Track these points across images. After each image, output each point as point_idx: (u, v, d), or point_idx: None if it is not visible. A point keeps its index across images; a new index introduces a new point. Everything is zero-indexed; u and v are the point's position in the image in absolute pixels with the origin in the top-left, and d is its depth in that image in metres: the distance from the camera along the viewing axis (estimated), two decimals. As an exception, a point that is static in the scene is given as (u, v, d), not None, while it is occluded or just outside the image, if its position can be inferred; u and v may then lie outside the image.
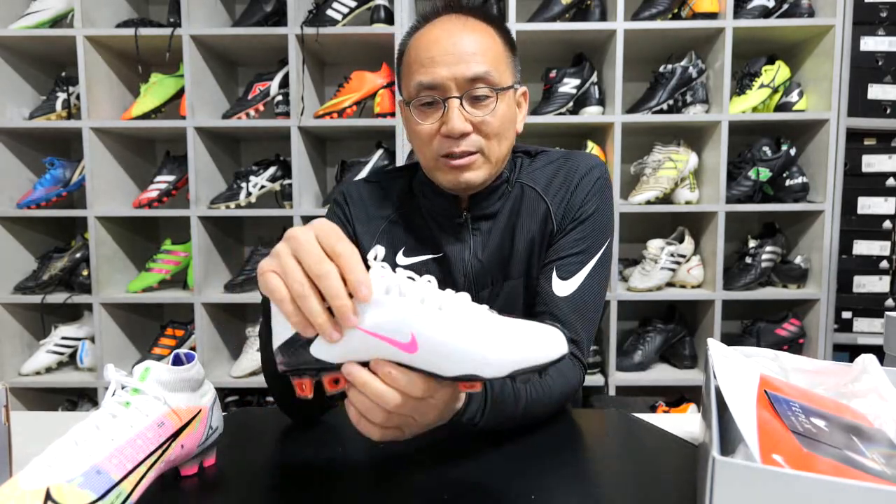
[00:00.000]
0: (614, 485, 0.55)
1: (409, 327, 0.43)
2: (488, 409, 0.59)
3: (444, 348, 0.43)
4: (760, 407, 0.46)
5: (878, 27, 1.78)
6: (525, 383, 0.45)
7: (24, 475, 0.42)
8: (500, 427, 0.62)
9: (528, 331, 0.45)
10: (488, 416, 0.59)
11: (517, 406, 0.63)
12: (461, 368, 0.43)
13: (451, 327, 0.43)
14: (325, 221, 0.46)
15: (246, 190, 1.79)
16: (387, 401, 0.45)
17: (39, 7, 1.75)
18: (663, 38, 1.74)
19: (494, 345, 0.43)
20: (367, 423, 0.48)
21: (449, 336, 0.43)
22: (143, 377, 0.51)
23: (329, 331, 0.43)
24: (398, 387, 0.45)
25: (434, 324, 0.43)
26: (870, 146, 1.81)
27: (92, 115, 1.72)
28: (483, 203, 0.83)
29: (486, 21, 0.79)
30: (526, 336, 0.45)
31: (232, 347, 1.94)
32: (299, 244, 0.44)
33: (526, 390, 0.64)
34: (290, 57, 1.69)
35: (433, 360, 0.44)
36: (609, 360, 1.74)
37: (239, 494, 0.55)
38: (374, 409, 0.47)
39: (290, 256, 0.44)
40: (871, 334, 1.83)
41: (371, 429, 0.49)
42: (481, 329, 0.44)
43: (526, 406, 0.64)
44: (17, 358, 1.83)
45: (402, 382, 0.45)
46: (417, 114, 0.77)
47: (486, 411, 0.59)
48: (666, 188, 1.75)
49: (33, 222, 1.89)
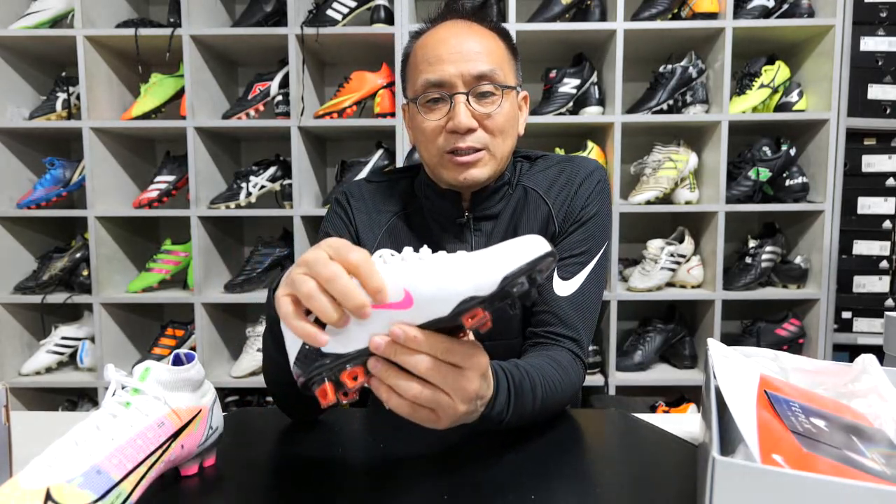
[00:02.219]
0: (614, 485, 0.55)
1: (401, 285, 0.45)
2: (513, 403, 0.59)
3: (435, 288, 0.45)
4: (760, 407, 0.46)
5: (878, 27, 1.78)
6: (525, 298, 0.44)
7: (24, 475, 0.42)
8: (519, 423, 0.63)
9: (507, 244, 0.46)
10: (513, 411, 0.59)
11: (535, 401, 0.63)
12: (455, 298, 0.44)
13: (435, 269, 0.45)
14: (336, 240, 0.47)
15: (246, 190, 1.79)
16: (416, 363, 0.46)
17: (39, 7, 1.75)
18: (663, 38, 1.74)
19: (478, 265, 0.45)
20: (399, 398, 0.48)
21: (436, 276, 0.45)
22: (143, 377, 0.52)
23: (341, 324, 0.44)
24: (423, 349, 0.46)
25: (420, 272, 0.45)
26: (870, 146, 1.81)
27: (92, 115, 1.72)
28: (485, 204, 0.84)
29: (489, 27, 0.81)
30: (505, 248, 0.46)
31: (232, 347, 1.94)
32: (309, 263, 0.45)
33: (541, 385, 0.65)
34: (290, 57, 1.69)
35: (429, 305, 0.45)
36: (609, 360, 1.74)
37: (239, 494, 0.55)
38: (407, 383, 0.47)
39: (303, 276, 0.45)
40: (871, 334, 1.83)
41: (402, 404, 0.48)
42: (461, 260, 0.46)
43: (542, 400, 0.65)
44: (17, 358, 1.83)
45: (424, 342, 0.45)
46: (424, 110, 0.78)
47: (512, 405, 0.59)
48: (666, 188, 1.75)
49: (33, 222, 1.89)
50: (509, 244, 0.46)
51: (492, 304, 0.44)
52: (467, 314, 0.44)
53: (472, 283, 0.44)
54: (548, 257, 0.45)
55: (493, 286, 0.44)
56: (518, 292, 0.44)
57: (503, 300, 0.44)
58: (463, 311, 0.44)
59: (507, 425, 0.60)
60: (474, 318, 0.45)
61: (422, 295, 0.45)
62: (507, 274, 0.44)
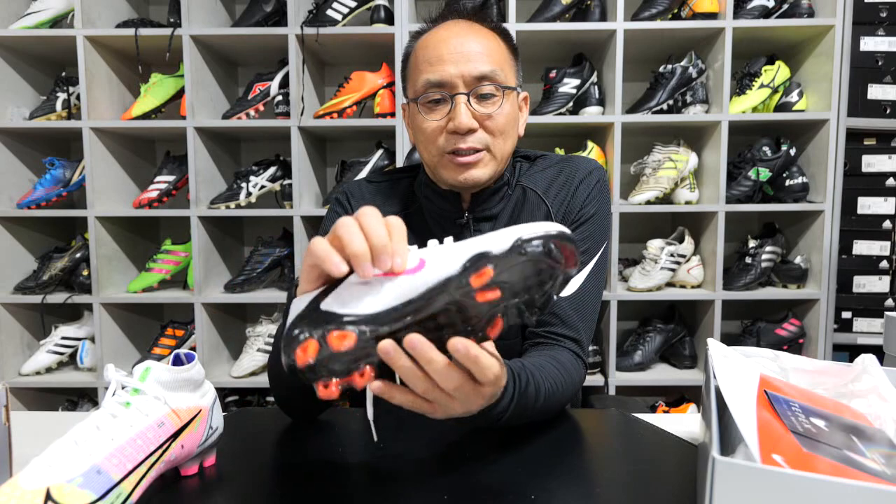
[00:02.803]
0: (614, 485, 0.55)
1: (418, 254, 0.46)
2: (515, 402, 0.59)
3: (448, 250, 0.45)
4: (760, 407, 0.46)
5: (878, 27, 1.78)
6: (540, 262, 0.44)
7: (24, 475, 0.42)
8: (518, 422, 0.63)
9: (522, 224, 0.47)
10: (514, 410, 0.59)
11: (537, 401, 0.63)
12: (467, 253, 0.44)
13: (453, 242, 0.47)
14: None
15: (246, 190, 1.79)
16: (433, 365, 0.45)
17: (39, 7, 1.75)
18: (663, 38, 1.74)
19: (493, 234, 0.46)
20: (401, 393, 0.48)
21: (451, 245, 0.46)
22: (143, 377, 0.51)
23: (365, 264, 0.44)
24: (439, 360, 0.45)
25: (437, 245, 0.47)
26: (870, 146, 1.81)
27: (92, 115, 1.72)
28: (485, 204, 0.84)
29: (490, 27, 0.81)
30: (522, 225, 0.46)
31: (232, 347, 1.94)
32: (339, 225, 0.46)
33: (544, 385, 0.65)
34: (290, 57, 1.69)
35: (440, 265, 0.44)
36: (609, 360, 1.74)
37: (239, 494, 0.55)
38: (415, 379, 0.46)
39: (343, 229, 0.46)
40: (871, 334, 1.83)
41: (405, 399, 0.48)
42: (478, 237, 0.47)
43: (545, 400, 0.65)
44: (17, 358, 1.83)
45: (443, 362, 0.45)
46: (425, 110, 0.78)
47: (514, 405, 0.59)
48: (666, 188, 1.75)
49: (33, 222, 1.89)
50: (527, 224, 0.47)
51: (502, 267, 0.43)
52: (477, 273, 0.43)
53: (484, 242, 0.44)
54: (564, 238, 0.45)
55: (505, 244, 0.44)
56: (531, 254, 0.43)
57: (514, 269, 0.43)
58: (473, 269, 0.43)
59: (507, 423, 0.60)
60: (482, 276, 0.43)
61: (435, 259, 0.45)
62: (521, 235, 0.44)
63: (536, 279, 0.44)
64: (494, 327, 0.45)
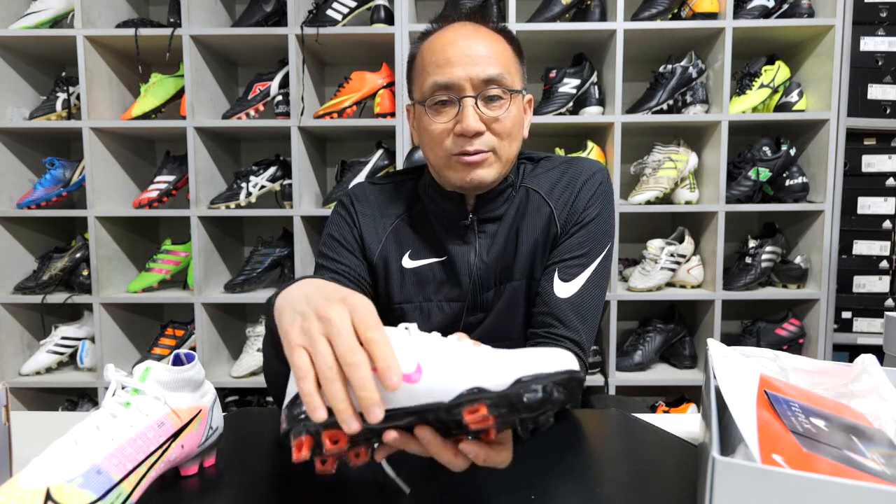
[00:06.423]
0: (614, 485, 0.55)
1: (416, 357, 0.43)
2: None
3: (447, 366, 0.43)
4: (760, 407, 0.46)
5: (878, 27, 1.78)
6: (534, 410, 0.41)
7: (24, 475, 0.42)
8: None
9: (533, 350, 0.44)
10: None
11: None
12: (463, 384, 0.42)
13: (453, 349, 0.44)
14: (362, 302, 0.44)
15: (246, 190, 1.79)
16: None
17: (39, 7, 1.75)
18: (663, 38, 1.74)
19: (496, 358, 0.43)
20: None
21: (451, 355, 0.43)
22: (143, 377, 0.51)
23: (349, 419, 0.40)
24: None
25: (438, 348, 0.44)
26: (870, 146, 1.81)
27: (92, 115, 1.72)
28: (489, 206, 0.84)
29: (496, 29, 0.81)
30: (529, 352, 0.43)
31: (232, 347, 1.94)
32: (332, 327, 0.42)
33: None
34: (290, 57, 1.69)
35: (436, 382, 0.42)
36: (609, 360, 1.74)
37: (239, 494, 0.55)
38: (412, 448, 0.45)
39: (323, 337, 0.43)
40: (871, 334, 1.83)
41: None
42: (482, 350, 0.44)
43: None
44: (17, 358, 1.83)
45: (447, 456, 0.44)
46: (431, 112, 0.78)
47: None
48: (666, 188, 1.75)
49: (33, 222, 1.89)
50: (538, 351, 0.44)
51: (498, 406, 0.40)
52: (470, 407, 0.41)
53: (483, 373, 0.42)
54: (572, 377, 0.42)
55: (505, 380, 0.41)
56: (529, 400, 0.40)
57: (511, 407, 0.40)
58: (466, 403, 0.41)
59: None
60: (475, 413, 0.40)
61: (432, 371, 0.42)
62: (522, 375, 0.41)
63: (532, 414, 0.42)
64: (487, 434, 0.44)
